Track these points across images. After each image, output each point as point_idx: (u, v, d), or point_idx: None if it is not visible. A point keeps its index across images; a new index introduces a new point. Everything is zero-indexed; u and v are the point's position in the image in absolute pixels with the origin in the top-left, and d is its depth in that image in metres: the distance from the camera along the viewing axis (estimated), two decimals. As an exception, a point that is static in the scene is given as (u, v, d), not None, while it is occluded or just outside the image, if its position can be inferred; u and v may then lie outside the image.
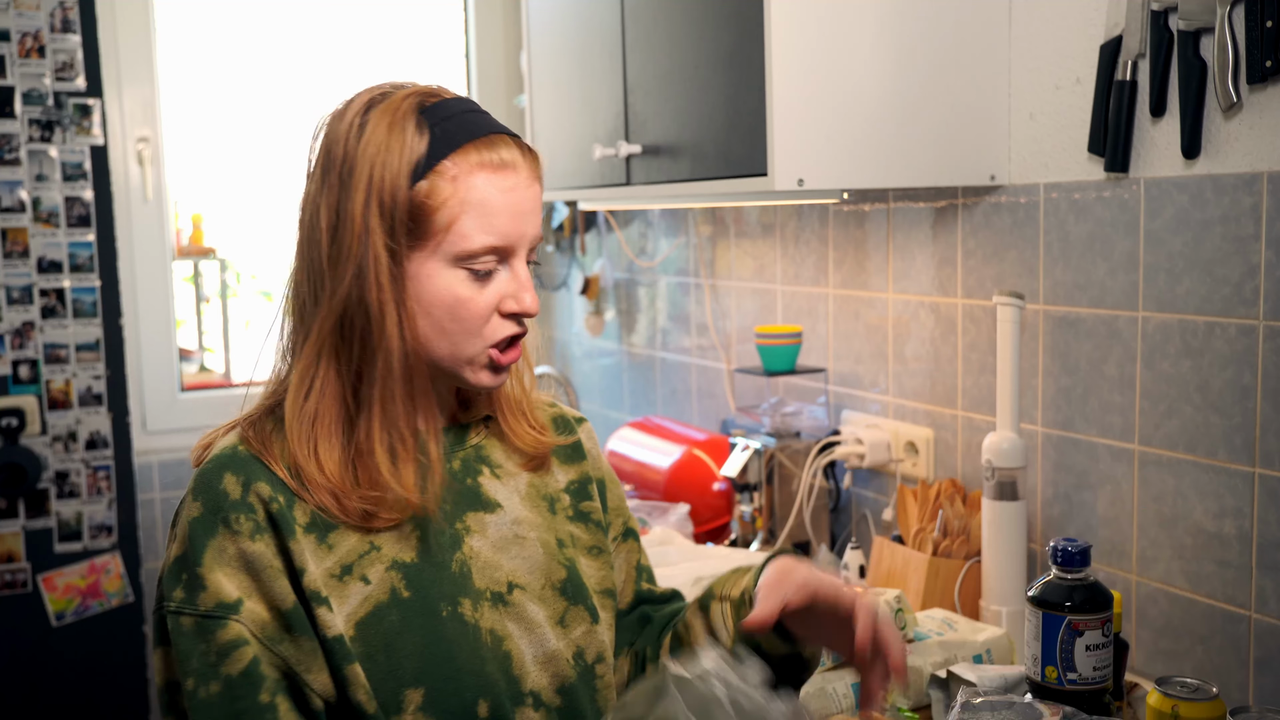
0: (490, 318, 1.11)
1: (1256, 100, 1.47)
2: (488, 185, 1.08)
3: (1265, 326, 1.48)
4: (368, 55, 3.22)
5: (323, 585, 1.07)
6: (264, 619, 1.05)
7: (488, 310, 1.10)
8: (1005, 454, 1.77)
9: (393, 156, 1.06)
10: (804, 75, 1.72)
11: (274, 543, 1.06)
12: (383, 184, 1.06)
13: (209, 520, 1.06)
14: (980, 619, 1.82)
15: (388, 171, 1.06)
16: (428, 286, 1.08)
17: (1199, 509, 1.59)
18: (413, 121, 1.08)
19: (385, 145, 1.07)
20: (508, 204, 1.09)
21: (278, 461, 1.09)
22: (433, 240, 1.07)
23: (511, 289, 1.12)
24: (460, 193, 1.07)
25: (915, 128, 1.80)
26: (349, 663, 1.06)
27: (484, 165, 1.08)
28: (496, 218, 1.08)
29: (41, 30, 2.67)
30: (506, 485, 1.22)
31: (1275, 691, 1.51)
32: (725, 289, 2.69)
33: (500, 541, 1.18)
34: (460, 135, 1.08)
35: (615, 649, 1.28)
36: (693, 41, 1.92)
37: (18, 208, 2.69)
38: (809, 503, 2.22)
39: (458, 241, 1.07)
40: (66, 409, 2.77)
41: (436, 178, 1.06)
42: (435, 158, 1.07)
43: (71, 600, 2.80)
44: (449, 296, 1.09)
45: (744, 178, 1.80)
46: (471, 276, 1.09)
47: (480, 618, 1.13)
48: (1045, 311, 1.81)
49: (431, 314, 1.09)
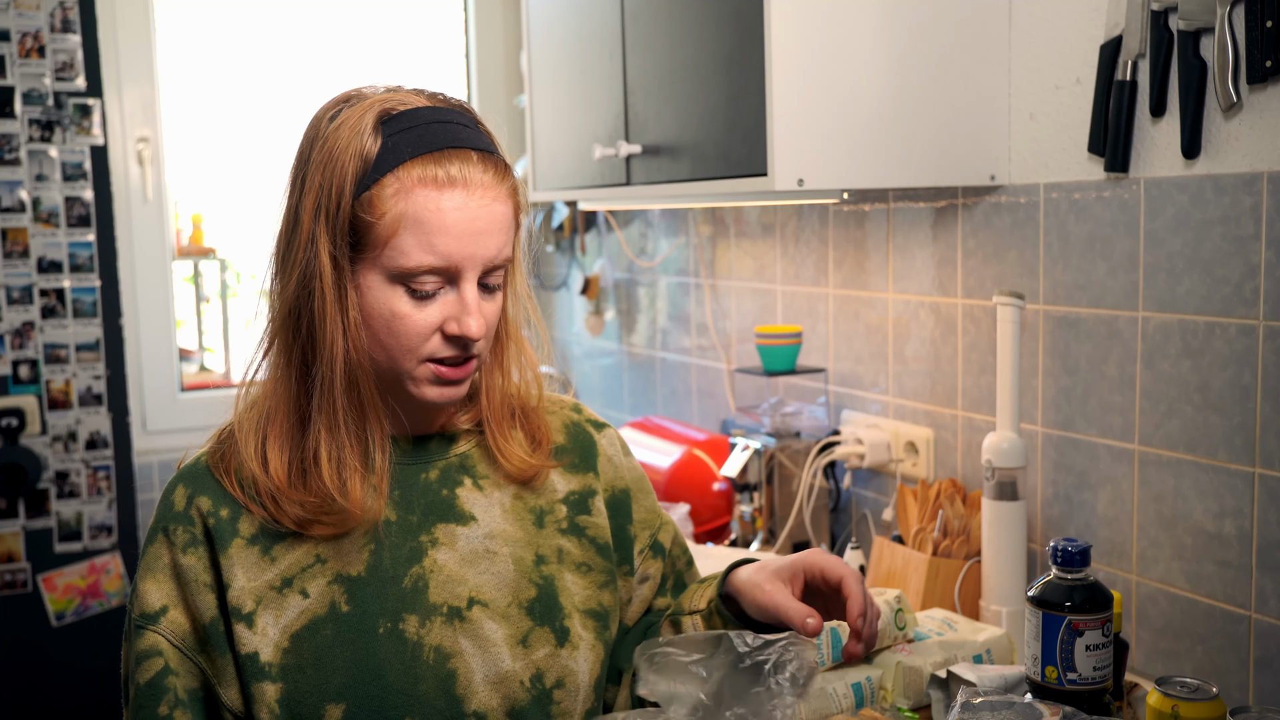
0: (430, 336, 1.08)
1: (1256, 100, 1.47)
2: (429, 202, 1.04)
3: (1265, 326, 1.48)
4: (368, 55, 3.22)
5: (250, 600, 1.08)
6: (185, 629, 1.09)
7: (427, 329, 1.07)
8: (1005, 454, 1.77)
9: (340, 165, 1.05)
10: (804, 75, 1.72)
11: (206, 556, 1.09)
12: (329, 191, 1.05)
13: (155, 530, 1.11)
14: (980, 619, 1.82)
15: (334, 179, 1.05)
16: (368, 298, 1.07)
17: (1199, 509, 1.59)
18: (369, 130, 1.05)
19: (339, 151, 1.05)
20: (452, 223, 1.04)
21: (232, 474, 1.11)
22: (372, 253, 1.05)
23: (455, 311, 1.07)
24: (399, 207, 1.04)
25: (915, 128, 1.80)
26: (258, 680, 1.07)
27: (427, 181, 1.04)
28: (437, 237, 1.04)
29: (41, 30, 2.67)
30: (489, 497, 1.19)
31: (1275, 691, 1.51)
32: (725, 289, 2.69)
33: (469, 555, 1.15)
34: (410, 148, 1.05)
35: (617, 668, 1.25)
36: (693, 42, 1.92)
37: (18, 208, 2.69)
38: (809, 503, 2.22)
39: (395, 258, 1.04)
40: (66, 409, 2.77)
41: (379, 190, 1.04)
42: (380, 170, 1.04)
43: (71, 600, 2.80)
44: (386, 311, 1.06)
45: (744, 178, 1.80)
46: (410, 294, 1.06)
47: (426, 634, 1.11)
48: (1045, 311, 1.81)
49: (371, 326, 1.07)
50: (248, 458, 1.10)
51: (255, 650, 1.07)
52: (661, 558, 1.31)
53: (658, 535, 1.30)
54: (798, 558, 1.15)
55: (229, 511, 1.10)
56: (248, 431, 1.11)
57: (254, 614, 1.08)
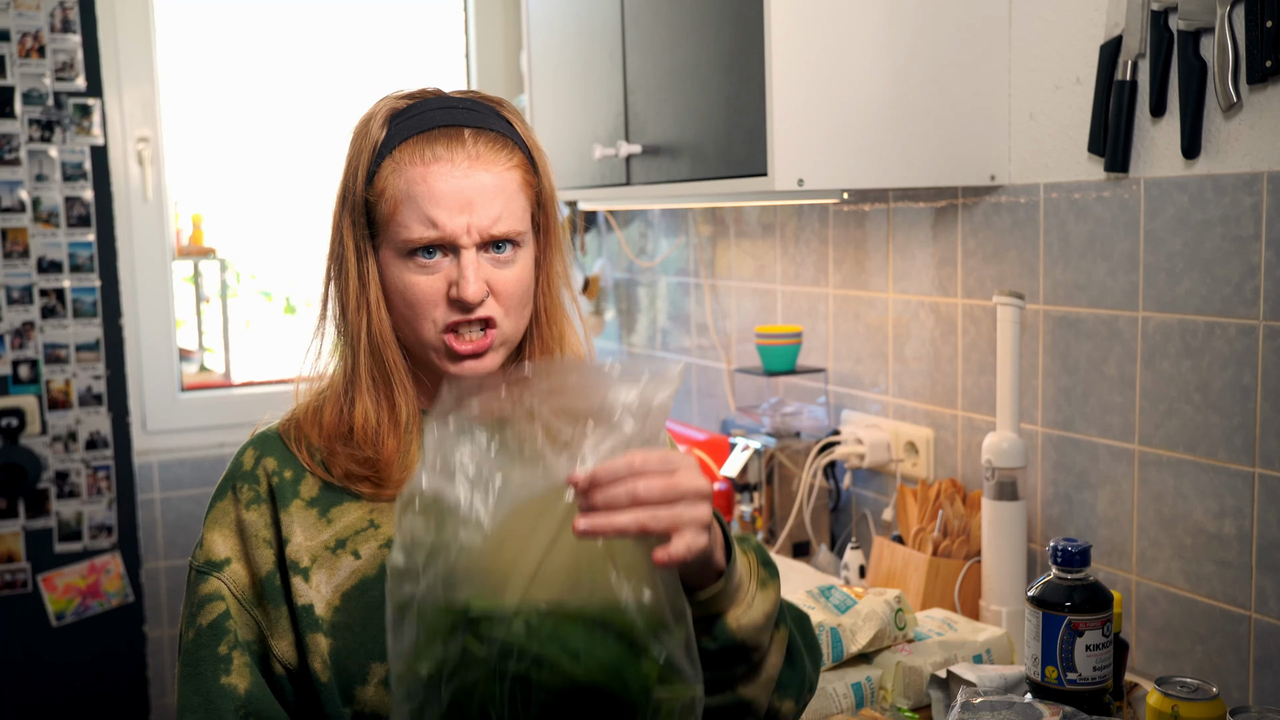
0: (439, 304, 1.15)
1: (1256, 100, 1.47)
2: (419, 178, 1.13)
3: (1265, 326, 1.48)
4: (368, 55, 3.22)
5: (307, 556, 1.15)
6: (244, 582, 1.16)
7: (434, 295, 1.15)
8: (1005, 454, 1.77)
9: (355, 157, 1.18)
10: (804, 75, 1.72)
11: (268, 513, 1.17)
12: (350, 185, 1.18)
13: (223, 487, 1.20)
14: (980, 619, 1.82)
15: (352, 169, 1.18)
16: (387, 275, 1.17)
17: (1199, 509, 1.59)
18: (379, 124, 1.17)
19: (357, 149, 1.18)
20: (440, 194, 1.12)
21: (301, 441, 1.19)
22: (384, 233, 1.16)
23: (454, 276, 1.15)
24: (397, 185, 1.14)
25: (915, 128, 1.80)
26: (312, 631, 1.13)
27: (416, 160, 1.14)
28: (429, 208, 1.13)
29: (41, 30, 2.67)
30: None
31: (1275, 691, 1.50)
32: (725, 289, 2.69)
33: None
34: (406, 131, 1.15)
35: None
36: (693, 42, 1.92)
37: (18, 208, 2.69)
38: (809, 503, 2.22)
39: (399, 232, 1.14)
40: (66, 409, 2.77)
41: (380, 172, 1.15)
42: (381, 156, 1.16)
43: (71, 600, 2.80)
44: (400, 283, 1.16)
45: (744, 178, 1.80)
46: (417, 266, 1.15)
47: None
48: (1045, 311, 1.81)
49: (393, 302, 1.17)
50: (305, 423, 1.20)
51: (310, 603, 1.14)
52: None
53: None
54: None
55: (292, 474, 1.18)
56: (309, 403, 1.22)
57: (309, 570, 1.15)
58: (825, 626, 1.58)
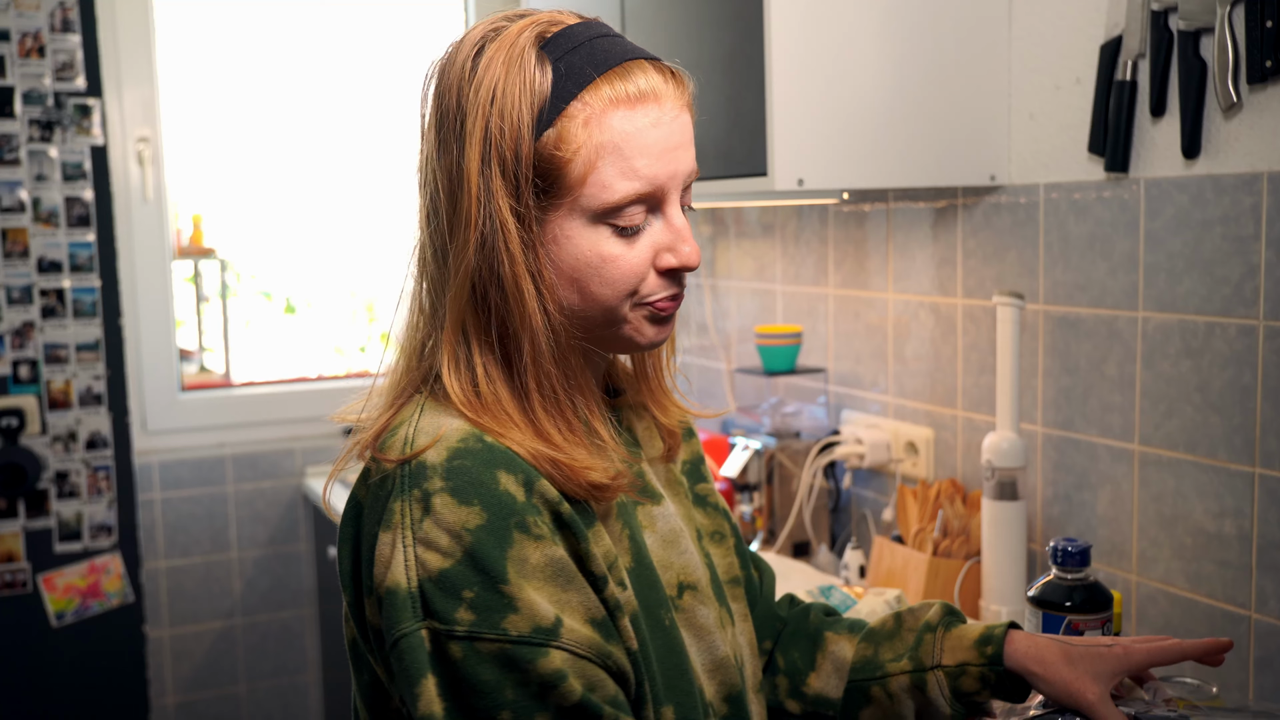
0: (646, 276, 0.96)
1: (1256, 100, 1.47)
2: (625, 123, 0.92)
3: (1265, 326, 1.48)
4: (368, 55, 3.22)
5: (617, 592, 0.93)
6: (586, 635, 0.89)
7: (642, 268, 0.96)
8: (1005, 454, 1.77)
9: (511, 103, 0.91)
10: (804, 75, 1.72)
11: (571, 547, 0.91)
12: (502, 136, 0.91)
13: (499, 527, 0.88)
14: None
15: (507, 122, 0.91)
16: (569, 249, 0.94)
17: (1199, 509, 1.59)
18: (533, 58, 0.92)
19: (502, 90, 0.91)
20: (652, 142, 0.93)
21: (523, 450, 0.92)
22: (569, 196, 0.92)
23: (667, 240, 0.97)
24: (595, 136, 0.92)
25: (915, 128, 1.80)
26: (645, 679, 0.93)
27: (619, 100, 0.92)
28: (640, 159, 0.93)
29: (41, 30, 2.67)
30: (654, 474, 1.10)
31: (1275, 691, 1.51)
32: (725, 289, 2.69)
33: (667, 536, 1.05)
34: (589, 68, 0.92)
35: None
36: (693, 42, 1.92)
37: (18, 208, 2.69)
38: (809, 503, 2.22)
39: (598, 194, 0.92)
40: (66, 409, 2.77)
41: (566, 122, 0.91)
42: (562, 99, 0.91)
43: (71, 600, 2.80)
44: (594, 258, 0.94)
45: (744, 178, 1.80)
46: (617, 232, 0.94)
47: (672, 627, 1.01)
48: (1045, 311, 1.81)
49: (577, 278, 0.95)
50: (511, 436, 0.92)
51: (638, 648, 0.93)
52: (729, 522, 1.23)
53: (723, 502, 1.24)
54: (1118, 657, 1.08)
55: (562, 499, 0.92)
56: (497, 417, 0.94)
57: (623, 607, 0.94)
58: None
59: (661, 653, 0.97)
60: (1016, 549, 1.78)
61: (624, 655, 0.92)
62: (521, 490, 0.90)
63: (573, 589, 0.90)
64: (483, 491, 0.89)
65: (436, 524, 0.88)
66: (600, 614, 0.91)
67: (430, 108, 0.97)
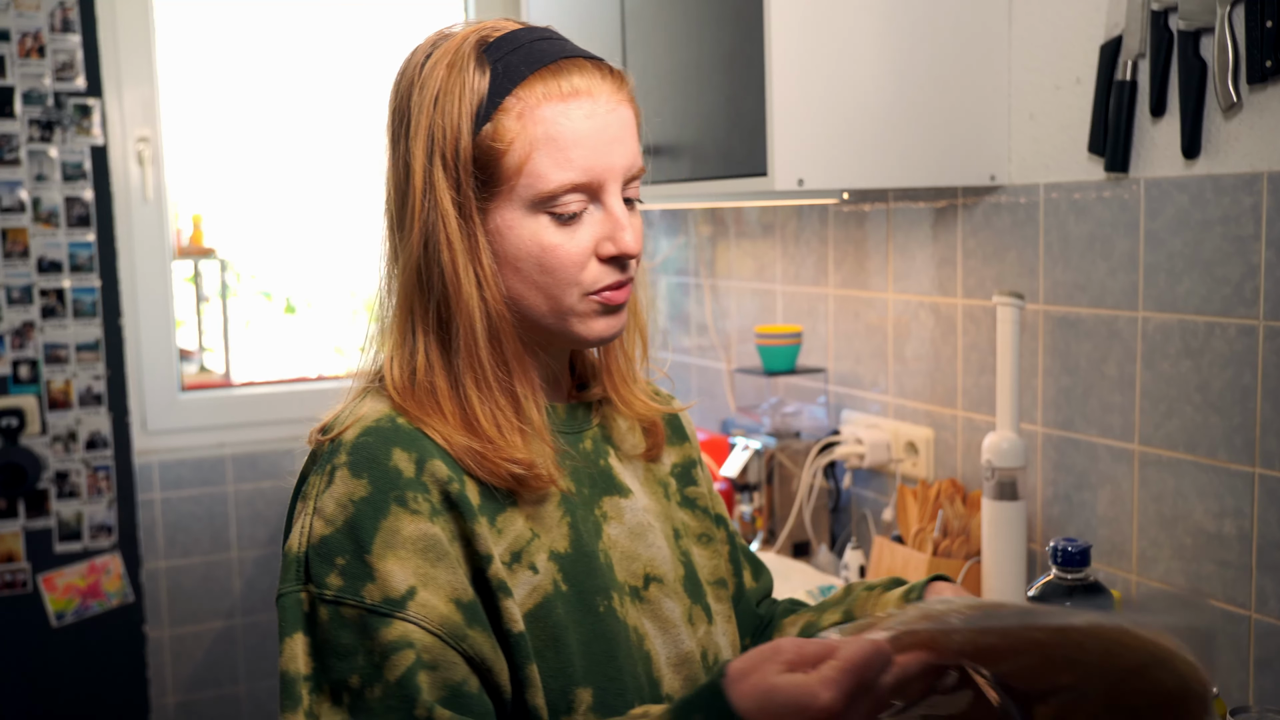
0: (586, 264, 1.00)
1: (1256, 100, 1.47)
2: (559, 116, 0.97)
3: (1265, 326, 1.48)
4: (368, 55, 3.22)
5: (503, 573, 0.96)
6: (443, 612, 0.92)
7: (582, 256, 1.00)
8: (1005, 454, 1.77)
9: (452, 102, 0.97)
10: (804, 75, 1.72)
11: (451, 526, 0.95)
12: (444, 133, 0.97)
13: (379, 500, 0.93)
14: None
15: (448, 119, 0.97)
16: (510, 239, 0.99)
17: (1199, 509, 1.59)
18: (473, 61, 0.98)
19: (444, 91, 0.98)
20: (585, 134, 0.98)
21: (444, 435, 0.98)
22: (506, 186, 0.98)
23: (607, 229, 1.01)
24: (529, 129, 0.97)
25: (915, 128, 1.80)
26: (529, 662, 0.96)
27: (551, 95, 0.97)
28: (573, 150, 0.97)
29: (41, 30, 2.67)
30: (627, 469, 1.13)
31: (1275, 691, 1.50)
32: (725, 289, 2.69)
33: (635, 529, 1.09)
34: (524, 66, 0.98)
35: None
36: (693, 42, 1.92)
37: (18, 208, 2.69)
38: (809, 503, 2.22)
39: (534, 183, 0.97)
40: (66, 409, 2.77)
41: (501, 116, 0.97)
42: (498, 95, 0.97)
43: (71, 600, 2.80)
44: (534, 247, 0.99)
45: (744, 178, 1.80)
46: (556, 221, 0.99)
47: (625, 614, 1.04)
48: (1045, 311, 1.81)
49: (520, 269, 0.99)
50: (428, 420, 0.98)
51: (523, 630, 0.96)
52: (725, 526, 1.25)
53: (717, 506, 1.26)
54: None
55: (458, 480, 0.97)
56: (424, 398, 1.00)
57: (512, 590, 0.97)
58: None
59: (588, 636, 1.00)
60: (1016, 549, 1.78)
61: (487, 640, 0.94)
62: (412, 467, 0.95)
63: (442, 566, 0.93)
64: (374, 466, 0.95)
65: (331, 495, 0.95)
66: (468, 596, 0.94)
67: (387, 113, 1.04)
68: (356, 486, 0.94)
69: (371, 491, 0.94)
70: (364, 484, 0.94)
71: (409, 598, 0.92)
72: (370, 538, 0.92)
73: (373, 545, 0.92)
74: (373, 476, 0.94)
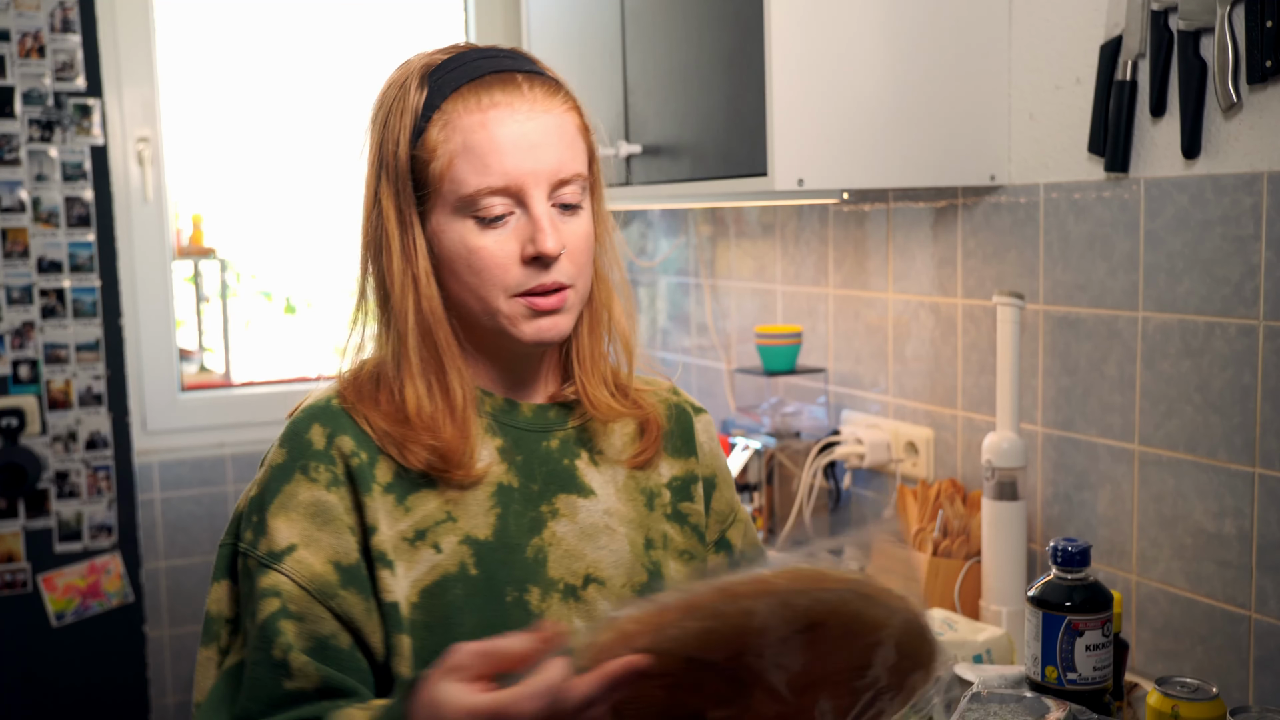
0: (511, 266, 1.06)
1: (1256, 100, 1.47)
2: (477, 126, 1.04)
3: (1265, 326, 1.48)
4: (368, 55, 3.22)
5: (391, 548, 1.05)
6: (317, 570, 1.03)
7: (506, 258, 1.06)
8: (1005, 454, 1.77)
9: (395, 119, 1.07)
10: (804, 75, 1.72)
11: (349, 497, 1.06)
12: (386, 150, 1.07)
13: (288, 466, 1.07)
14: (980, 619, 1.82)
15: (390, 135, 1.07)
16: (443, 242, 1.07)
17: (1199, 509, 1.59)
18: (415, 82, 1.07)
19: (390, 110, 1.08)
20: (502, 139, 1.04)
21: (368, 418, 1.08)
22: (436, 193, 1.06)
23: (529, 232, 1.06)
24: (451, 139, 1.05)
25: (915, 128, 1.80)
26: (399, 631, 1.04)
27: (471, 108, 1.05)
28: (491, 156, 1.04)
29: (41, 30, 2.67)
30: (604, 473, 1.17)
31: (1275, 691, 1.50)
32: (725, 289, 2.69)
33: (588, 529, 1.13)
34: (452, 82, 1.06)
35: None
36: (693, 42, 1.92)
37: (18, 208, 2.69)
38: (809, 503, 2.22)
39: (456, 189, 1.05)
40: (66, 409, 2.77)
41: (430, 129, 1.06)
42: (429, 110, 1.06)
43: (71, 600, 2.80)
44: (462, 249, 1.06)
45: (744, 178, 1.80)
46: (480, 224, 1.06)
47: (546, 609, 1.08)
48: (1045, 311, 1.81)
49: (455, 271, 1.07)
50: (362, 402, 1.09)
51: (397, 600, 1.04)
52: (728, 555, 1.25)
53: (727, 532, 1.26)
54: None
55: (368, 456, 1.07)
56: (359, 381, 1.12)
57: (393, 563, 1.05)
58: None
59: (484, 623, 1.05)
60: (1016, 549, 1.78)
61: (361, 603, 1.04)
62: (324, 440, 1.07)
63: (327, 531, 1.05)
64: (294, 438, 1.08)
65: (264, 463, 1.10)
66: (350, 560, 1.05)
67: None
68: (277, 455, 1.08)
69: (285, 460, 1.07)
70: (283, 454, 1.08)
71: (287, 553, 1.04)
72: (272, 499, 1.06)
73: (272, 506, 1.06)
74: (290, 448, 1.08)
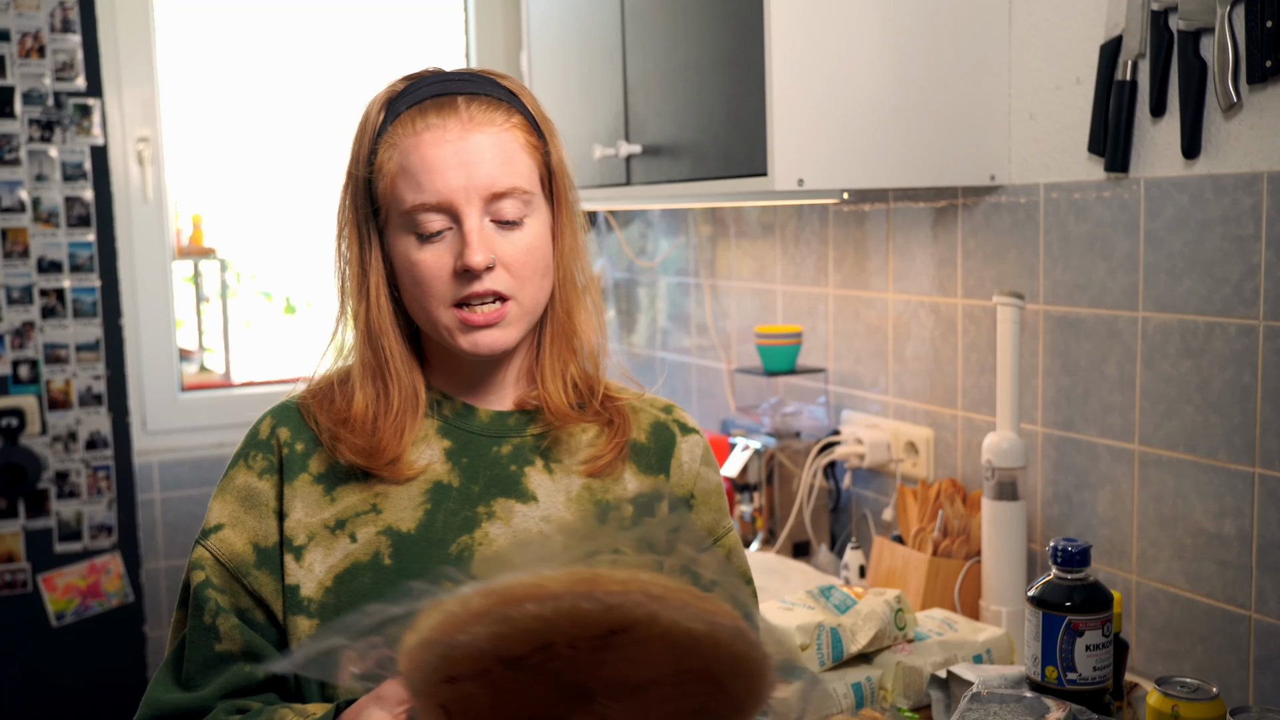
0: (446, 279, 1.12)
1: (1256, 100, 1.47)
2: (412, 147, 1.11)
3: (1265, 326, 1.48)
4: (368, 55, 3.22)
5: (304, 534, 1.14)
6: (236, 550, 1.14)
7: (441, 271, 1.12)
8: (1005, 454, 1.77)
9: (359, 142, 1.16)
10: (804, 75, 1.72)
11: (276, 484, 1.16)
12: (351, 170, 1.16)
13: (239, 454, 1.18)
14: (980, 619, 1.82)
15: (354, 157, 1.16)
16: (395, 256, 1.14)
17: (1199, 509, 1.59)
18: (377, 108, 1.15)
19: (357, 134, 1.16)
20: (434, 158, 1.10)
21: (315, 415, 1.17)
22: (384, 210, 1.14)
23: (459, 246, 1.11)
24: (393, 158, 1.12)
25: (915, 128, 1.80)
26: (295, 613, 1.12)
27: (408, 131, 1.12)
28: (423, 175, 1.10)
29: (41, 30, 2.67)
30: (557, 482, 1.19)
31: (1275, 691, 1.50)
32: (725, 289, 2.69)
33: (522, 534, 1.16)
34: (400, 107, 1.13)
35: None
36: (693, 42, 1.92)
37: (18, 208, 2.69)
38: (809, 503, 2.22)
39: (397, 205, 1.12)
40: (66, 409, 2.77)
41: (380, 150, 1.13)
42: (380, 134, 1.14)
43: (71, 600, 2.80)
44: (406, 262, 1.13)
45: (744, 178, 1.80)
46: (419, 240, 1.12)
47: None
48: (1045, 311, 1.81)
49: (402, 283, 1.15)
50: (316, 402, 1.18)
51: (297, 583, 1.12)
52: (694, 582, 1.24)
53: None
54: None
55: (304, 447, 1.17)
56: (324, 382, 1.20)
57: (304, 548, 1.13)
58: (825, 627, 1.58)
59: None
60: (1016, 549, 1.78)
61: (271, 583, 1.13)
62: (268, 431, 1.18)
63: (253, 514, 1.15)
64: (250, 432, 1.19)
65: None
66: (269, 542, 1.14)
67: None
68: (236, 447, 1.20)
69: (238, 450, 1.19)
70: (239, 444, 1.19)
71: (214, 531, 1.15)
72: (219, 484, 1.18)
73: (216, 489, 1.18)
74: (245, 439, 1.19)
